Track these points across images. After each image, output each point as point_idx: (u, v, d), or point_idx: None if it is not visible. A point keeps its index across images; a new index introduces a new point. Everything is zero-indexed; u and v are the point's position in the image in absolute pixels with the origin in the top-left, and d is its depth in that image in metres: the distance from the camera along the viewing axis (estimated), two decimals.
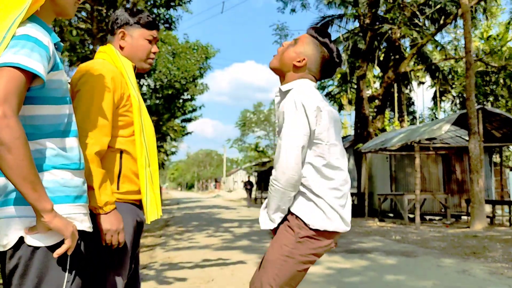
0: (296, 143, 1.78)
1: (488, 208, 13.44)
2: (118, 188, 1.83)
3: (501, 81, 20.44)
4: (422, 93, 32.10)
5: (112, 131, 1.79)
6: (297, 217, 1.86)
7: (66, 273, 1.37)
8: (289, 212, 1.89)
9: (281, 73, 2.03)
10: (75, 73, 1.82)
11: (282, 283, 1.86)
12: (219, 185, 69.10)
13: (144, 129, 1.88)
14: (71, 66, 11.80)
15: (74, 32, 9.62)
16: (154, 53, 2.01)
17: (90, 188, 1.63)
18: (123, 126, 1.84)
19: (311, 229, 1.84)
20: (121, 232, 1.72)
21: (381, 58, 19.89)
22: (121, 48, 1.95)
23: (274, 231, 1.96)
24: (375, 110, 18.70)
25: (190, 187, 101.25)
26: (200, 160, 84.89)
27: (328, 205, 1.84)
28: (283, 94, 1.98)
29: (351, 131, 29.30)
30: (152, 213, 1.87)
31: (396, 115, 26.57)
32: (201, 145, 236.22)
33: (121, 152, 1.84)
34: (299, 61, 1.96)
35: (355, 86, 19.65)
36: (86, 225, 1.47)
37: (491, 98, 22.00)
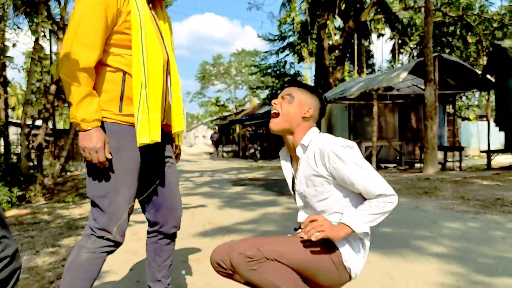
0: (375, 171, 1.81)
1: (440, 155, 14.00)
2: (120, 110, 1.81)
3: (458, 32, 20.83)
4: (381, 46, 32.50)
5: (112, 50, 1.79)
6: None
7: None
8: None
9: (289, 131, 1.97)
10: None
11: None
12: None
13: (146, 49, 1.80)
14: None
15: None
16: None
17: (70, 104, 1.69)
18: (124, 46, 1.80)
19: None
20: (99, 151, 1.71)
21: (342, 8, 19.72)
22: None
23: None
24: (335, 61, 18.75)
25: None
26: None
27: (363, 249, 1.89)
28: (305, 148, 1.95)
29: (312, 84, 29.40)
30: (142, 136, 1.79)
31: (356, 67, 26.80)
32: None
33: (124, 73, 1.81)
34: (307, 112, 1.95)
35: (316, 37, 19.51)
36: None
37: (447, 50, 22.48)
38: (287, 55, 24.05)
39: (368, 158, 12.61)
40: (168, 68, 2.02)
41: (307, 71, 46.66)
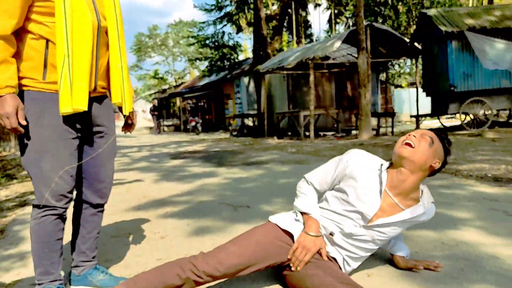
0: None
1: (374, 121, 14.59)
2: (44, 78, 1.80)
3: (389, 1, 21.41)
4: (318, 16, 32.80)
5: (35, 17, 1.76)
6: None
7: None
8: None
9: (410, 166, 1.90)
10: None
11: None
12: (117, 116, 66.35)
13: (71, 17, 1.76)
14: None
15: None
16: None
17: None
18: (47, 13, 1.77)
19: None
20: (10, 117, 1.71)
21: None
22: None
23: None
24: (273, 31, 18.73)
25: None
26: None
27: None
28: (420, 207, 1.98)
29: (250, 55, 29.27)
30: (64, 104, 1.77)
31: (294, 38, 26.96)
32: None
33: (47, 41, 1.78)
34: (435, 164, 1.92)
35: (253, 7, 19.30)
36: None
37: (380, 20, 23.10)
38: (225, 25, 23.69)
39: (307, 126, 12.89)
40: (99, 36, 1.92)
41: (247, 42, 46.31)
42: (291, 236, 1.97)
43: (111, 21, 1.95)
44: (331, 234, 1.97)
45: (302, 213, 2.03)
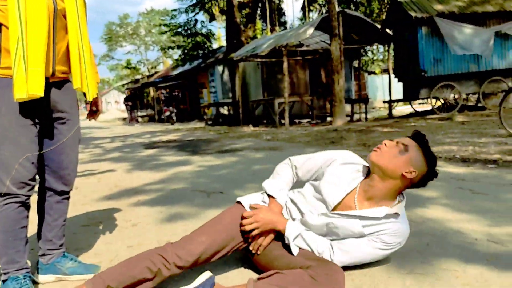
0: None
1: (348, 107, 14.73)
2: None
3: None
4: (292, 4, 32.71)
5: None
6: None
7: None
8: None
9: (379, 173, 1.83)
10: None
11: None
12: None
13: (24, 2, 1.69)
14: None
15: None
16: None
17: None
18: None
19: None
20: None
21: None
22: None
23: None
24: (246, 19, 18.61)
25: None
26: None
27: None
28: (386, 216, 1.82)
29: (224, 43, 29.04)
30: (19, 90, 1.70)
31: (268, 26, 26.86)
32: None
33: (0, 25, 1.74)
34: (409, 173, 1.79)
35: None
36: None
37: (353, 7, 23.21)
38: (197, 13, 23.40)
39: (282, 114, 12.92)
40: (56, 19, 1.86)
41: (220, 31, 45.91)
42: None
43: (69, 4, 1.89)
44: (293, 219, 1.99)
45: (269, 196, 2.04)
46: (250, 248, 1.93)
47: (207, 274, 1.74)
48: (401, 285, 1.74)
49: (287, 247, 1.87)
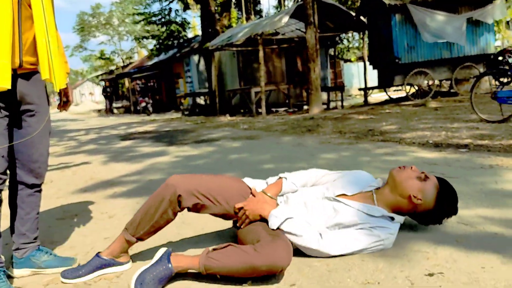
0: None
1: (324, 96, 14.84)
2: None
3: None
4: None
5: None
6: None
7: None
8: None
9: (392, 185, 2.05)
10: None
11: None
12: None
13: None
14: None
15: None
16: None
17: None
18: None
19: None
20: None
21: None
22: None
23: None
24: (221, 7, 18.43)
25: None
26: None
27: None
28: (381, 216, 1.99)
29: (200, 32, 28.75)
30: None
31: (244, 15, 26.69)
32: None
33: None
34: (416, 198, 1.99)
35: None
36: None
37: None
38: (171, 1, 23.07)
39: (259, 103, 12.92)
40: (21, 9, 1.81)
41: (196, 20, 45.39)
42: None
43: None
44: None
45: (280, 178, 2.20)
46: (238, 223, 2.04)
47: (163, 249, 1.81)
48: (374, 268, 1.79)
49: (262, 224, 1.95)
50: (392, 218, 1.99)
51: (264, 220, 1.97)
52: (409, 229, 2.19)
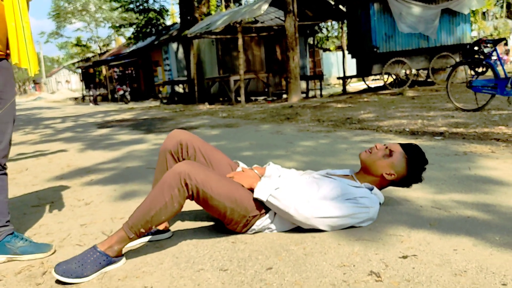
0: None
1: (304, 84, 14.88)
2: None
3: None
4: None
5: None
6: None
7: None
8: None
9: (365, 169, 2.21)
10: None
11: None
12: (39, 87, 62.43)
13: None
14: None
15: None
16: None
17: None
18: None
19: None
20: None
21: None
22: None
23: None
24: None
25: None
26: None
27: None
28: (366, 188, 2.12)
29: (178, 20, 28.38)
30: None
31: (223, 2, 26.43)
32: None
33: None
34: (389, 175, 2.16)
35: None
36: None
37: None
38: None
39: (238, 91, 12.89)
40: None
41: (174, 7, 44.76)
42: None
43: None
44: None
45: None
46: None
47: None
48: (350, 251, 1.82)
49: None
50: (372, 188, 2.17)
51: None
52: (384, 213, 2.23)
